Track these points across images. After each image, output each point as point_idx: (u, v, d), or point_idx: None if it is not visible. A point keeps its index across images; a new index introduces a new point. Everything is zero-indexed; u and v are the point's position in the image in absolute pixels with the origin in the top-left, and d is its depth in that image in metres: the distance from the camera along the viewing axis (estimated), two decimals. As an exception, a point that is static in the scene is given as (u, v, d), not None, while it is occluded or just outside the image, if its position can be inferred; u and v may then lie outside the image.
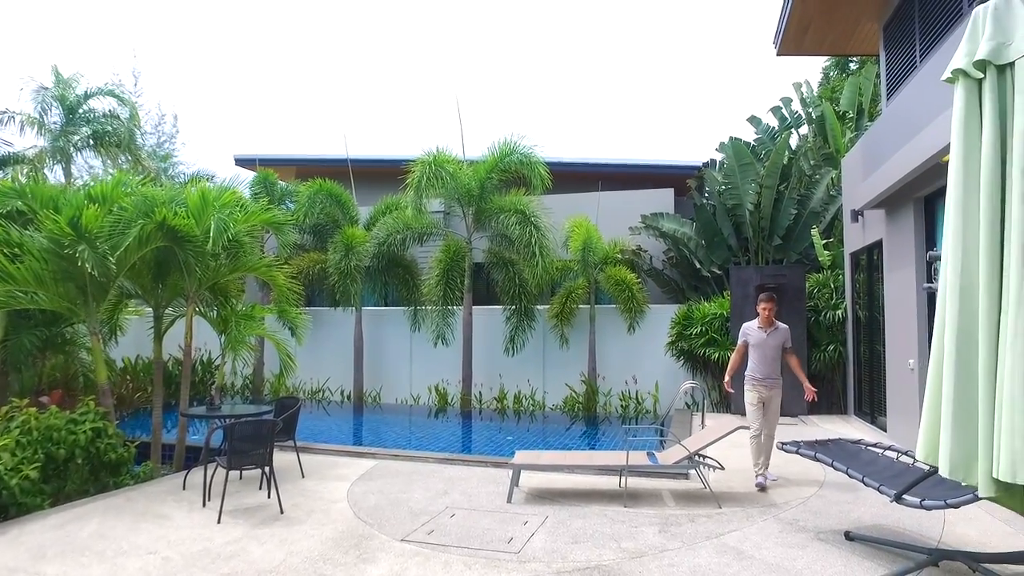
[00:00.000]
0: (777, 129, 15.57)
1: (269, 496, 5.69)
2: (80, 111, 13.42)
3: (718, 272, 12.95)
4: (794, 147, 13.57)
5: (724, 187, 13.11)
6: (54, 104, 13.57)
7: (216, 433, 6.63)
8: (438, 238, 13.29)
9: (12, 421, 5.82)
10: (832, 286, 10.65)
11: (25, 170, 13.12)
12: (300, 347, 9.10)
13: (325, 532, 4.87)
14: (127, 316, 8.76)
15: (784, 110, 15.69)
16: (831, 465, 4.37)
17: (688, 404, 11.36)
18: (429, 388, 13.27)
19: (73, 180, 12.92)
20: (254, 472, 6.16)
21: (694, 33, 64.44)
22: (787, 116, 15.67)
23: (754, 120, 15.64)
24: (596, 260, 12.33)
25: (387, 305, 14.18)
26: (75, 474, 5.90)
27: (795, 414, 9.84)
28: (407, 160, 12.14)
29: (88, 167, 15.84)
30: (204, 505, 5.54)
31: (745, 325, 6.39)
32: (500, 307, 12.89)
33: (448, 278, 12.29)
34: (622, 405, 12.19)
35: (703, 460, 5.73)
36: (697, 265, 13.16)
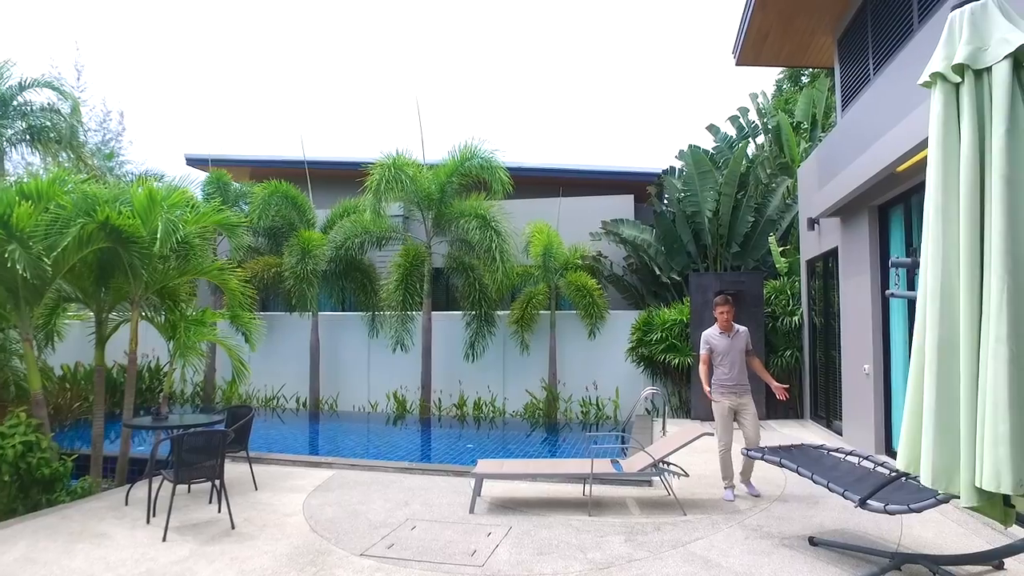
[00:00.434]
0: (735, 138, 15.88)
1: (220, 510, 5.41)
2: (14, 103, 12.65)
3: (678, 278, 13.08)
4: (751, 156, 13.84)
5: (683, 194, 13.28)
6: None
7: (163, 444, 6.29)
8: (397, 242, 13.09)
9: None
10: (789, 293, 10.87)
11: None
12: (254, 353, 8.76)
13: (279, 548, 4.63)
14: (66, 321, 8.29)
15: (741, 119, 16.02)
16: (796, 471, 4.38)
17: (648, 410, 11.41)
18: (387, 395, 13.00)
19: (6, 176, 12.15)
20: (204, 485, 5.85)
21: (655, 42, 65.62)
22: (744, 125, 16.01)
23: (713, 128, 15.92)
24: (557, 266, 12.31)
25: (344, 310, 13.86)
26: (1, 492, 5.49)
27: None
28: (366, 163, 11.92)
29: (25, 163, 14.99)
30: (148, 522, 5.22)
31: (705, 333, 6.18)
32: (460, 313, 12.75)
33: (408, 283, 12.09)
34: (583, 411, 12.17)
35: (667, 467, 5.69)
36: (657, 271, 13.27)
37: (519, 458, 8.47)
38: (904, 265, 3.97)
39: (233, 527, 5.07)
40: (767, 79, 20.87)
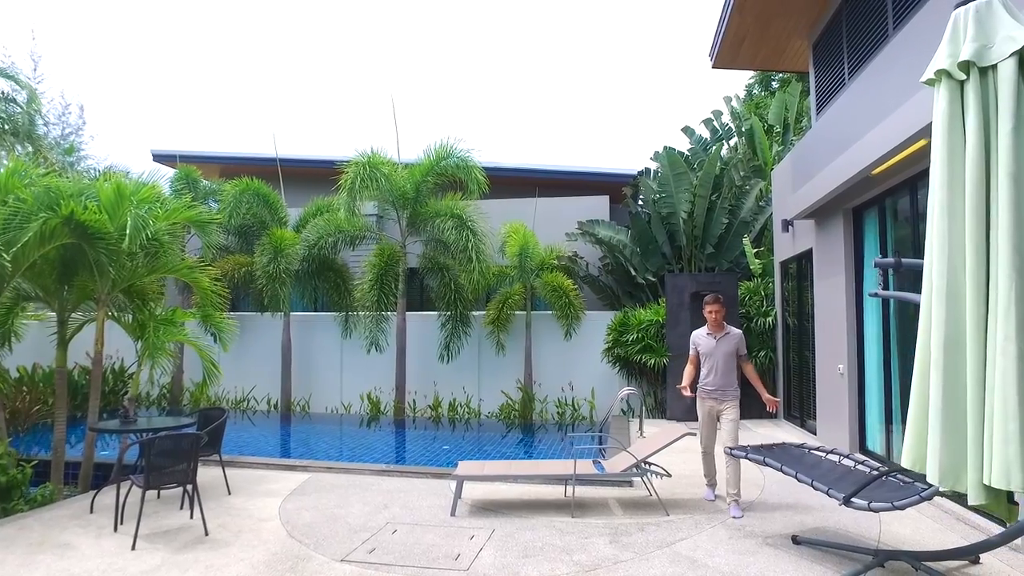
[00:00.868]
0: (709, 140, 16.05)
1: (192, 516, 5.23)
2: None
3: (652, 279, 13.16)
4: (725, 158, 14.01)
5: (659, 196, 13.36)
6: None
7: (131, 448, 6.06)
8: (371, 242, 12.91)
9: None
10: (763, 294, 11.00)
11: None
12: (223, 354, 8.52)
13: (256, 555, 4.48)
14: (24, 321, 7.94)
15: (715, 122, 16.21)
16: (780, 469, 4.40)
17: (624, 410, 11.44)
18: (361, 396, 12.81)
19: None
20: (174, 490, 5.64)
21: (630, 43, 66.22)
22: (718, 128, 16.19)
23: (688, 131, 16.07)
24: (533, 266, 12.29)
25: (317, 310, 13.62)
26: (-48, 503, 5.21)
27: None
28: (339, 161, 11.74)
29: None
30: (116, 530, 5.00)
31: (694, 333, 5.97)
32: (435, 313, 12.64)
33: (382, 283, 11.92)
34: (558, 412, 12.16)
35: (650, 468, 5.68)
36: (632, 272, 13.33)
37: (496, 459, 8.40)
38: (888, 265, 4.02)
39: (207, 534, 4.90)
40: (740, 82, 21.20)
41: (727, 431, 5.57)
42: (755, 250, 11.94)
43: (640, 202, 15.12)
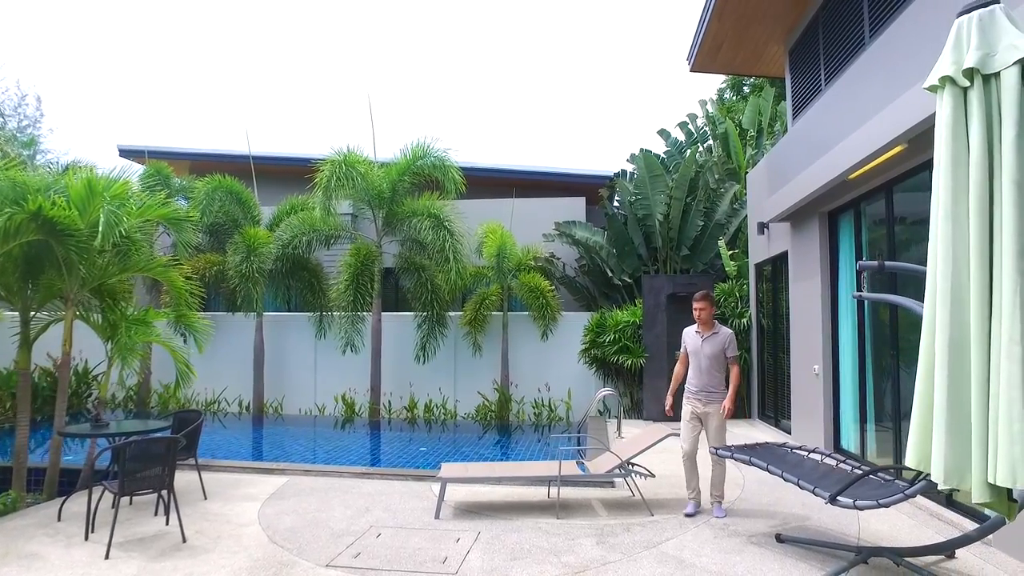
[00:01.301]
0: (685, 143, 16.24)
1: (168, 523, 5.08)
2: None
3: (629, 280, 13.25)
4: (700, 161, 14.18)
5: (635, 198, 13.46)
6: None
7: (102, 452, 5.86)
8: (346, 241, 12.75)
9: None
10: (738, 295, 11.16)
11: None
12: (202, 355, 8.29)
13: (238, 561, 4.37)
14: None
15: (691, 125, 16.41)
16: (766, 469, 4.45)
17: (600, 411, 11.49)
18: (335, 398, 12.63)
19: None
20: (147, 496, 5.47)
21: (608, 45, 66.69)
22: (694, 131, 16.39)
23: (664, 133, 16.23)
24: (510, 267, 12.26)
25: (290, 310, 13.39)
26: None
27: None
28: (314, 159, 11.57)
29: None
30: (87, 538, 4.81)
31: (685, 331, 5.74)
32: (411, 313, 12.52)
33: (358, 283, 11.76)
34: (535, 413, 12.16)
35: (634, 468, 5.70)
36: (609, 273, 13.41)
37: (474, 461, 8.36)
38: (872, 268, 4.09)
39: (184, 540, 4.76)
40: (714, 86, 21.52)
41: (714, 438, 5.40)
42: (730, 252, 12.10)
43: (616, 204, 15.23)
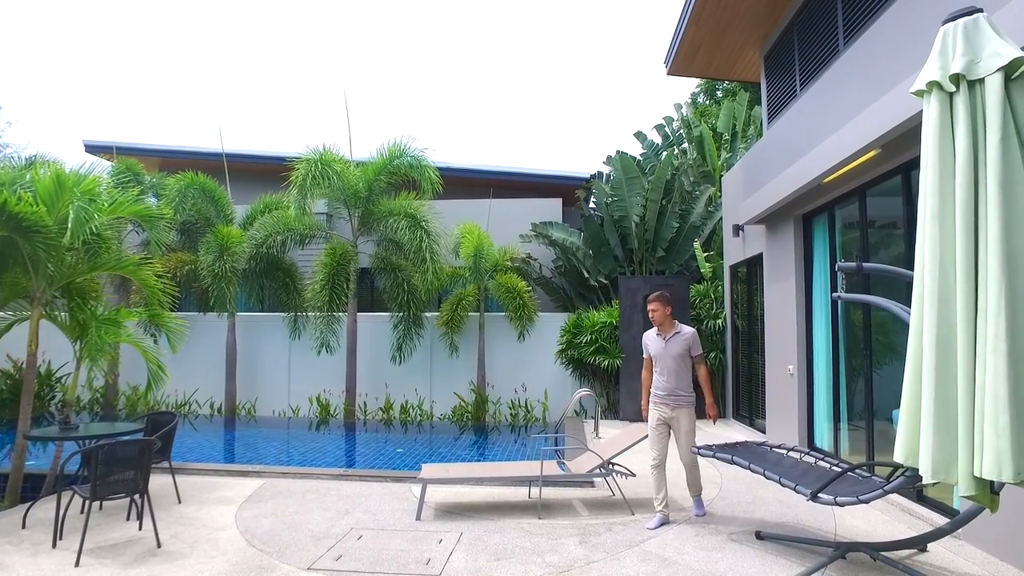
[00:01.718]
0: (661, 145, 16.40)
1: (141, 528, 4.95)
2: None
3: (605, 281, 13.34)
4: (676, 164, 14.34)
5: (611, 199, 13.55)
6: None
7: (72, 456, 5.68)
8: (321, 241, 12.59)
9: None
10: (713, 296, 11.30)
11: None
12: (171, 356, 8.10)
13: (216, 566, 4.27)
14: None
15: (667, 128, 16.58)
16: (748, 467, 4.50)
17: (577, 412, 11.54)
18: (310, 399, 12.47)
19: None
20: (118, 501, 5.32)
21: (585, 47, 67.05)
22: (670, 134, 16.57)
23: (640, 136, 16.37)
24: (487, 267, 12.25)
25: (264, 310, 13.18)
26: None
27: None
28: (289, 158, 11.43)
29: None
30: (55, 546, 4.64)
31: (645, 334, 5.53)
32: (387, 314, 12.42)
33: (334, 283, 11.63)
34: (512, 413, 12.15)
35: (614, 468, 5.73)
36: (585, 274, 13.47)
37: (450, 462, 8.32)
38: (850, 269, 4.17)
39: (159, 546, 4.63)
40: (689, 91, 21.80)
41: (683, 445, 5.15)
42: (705, 254, 12.26)
43: (593, 205, 15.31)
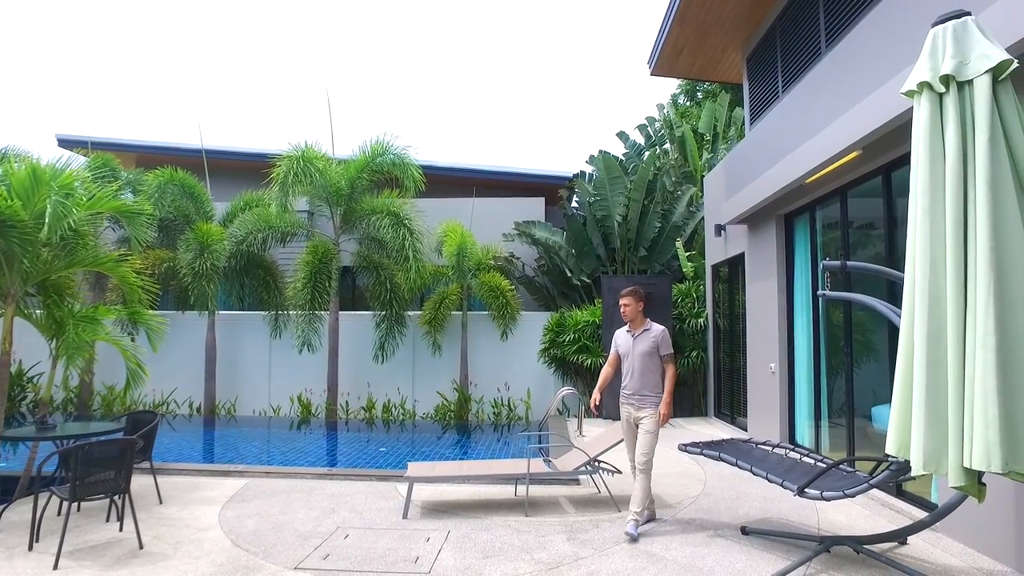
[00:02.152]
0: (644, 145, 16.50)
1: (122, 528, 4.86)
2: None
3: (587, 280, 13.39)
4: (657, 164, 14.45)
5: (594, 199, 13.61)
6: None
7: (50, 457, 5.53)
8: (302, 239, 12.47)
9: None
10: (694, 296, 11.40)
11: None
12: (149, 355, 7.96)
13: (201, 567, 4.21)
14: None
15: (649, 128, 16.68)
16: (735, 464, 4.55)
17: (560, 410, 11.57)
18: (291, 398, 12.35)
19: None
20: (96, 502, 5.22)
21: (568, 47, 67.18)
22: (652, 134, 16.68)
23: (623, 136, 16.46)
24: (470, 266, 12.23)
25: (243, 309, 13.01)
26: None
27: (662, 416, 10.36)
28: (269, 155, 11.30)
29: None
30: (31, 548, 4.53)
31: (616, 332, 5.38)
32: (369, 313, 12.35)
33: (316, 281, 11.52)
34: (494, 412, 12.16)
35: (600, 465, 5.76)
36: (568, 273, 13.51)
37: (433, 460, 8.29)
38: (835, 268, 4.24)
39: (141, 547, 4.55)
40: (670, 92, 21.98)
41: (641, 442, 4.92)
42: (687, 253, 12.37)
43: (575, 204, 15.35)
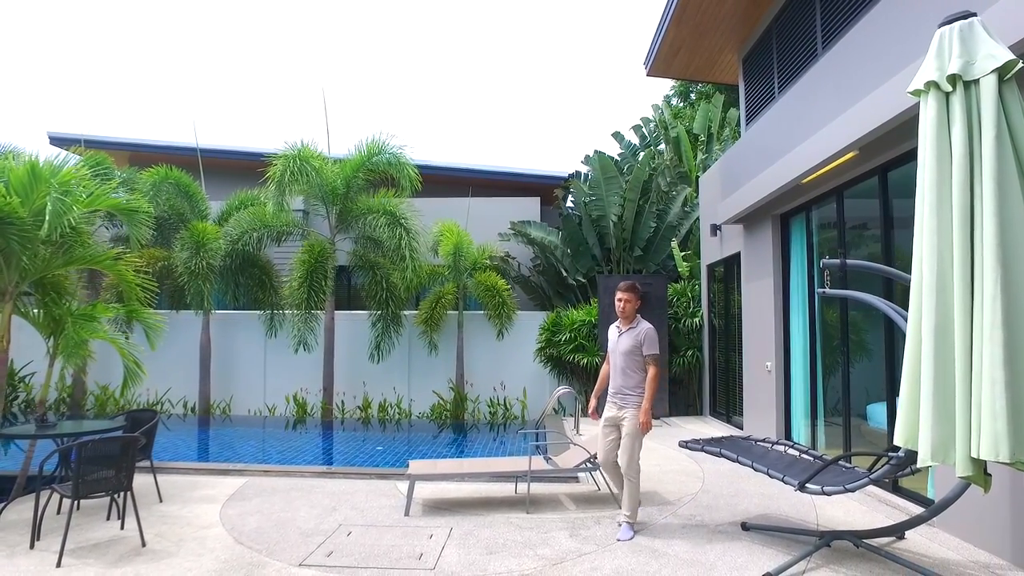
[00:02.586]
0: (639, 146, 16.57)
1: (123, 527, 4.85)
2: None
3: (583, 280, 13.44)
4: (653, 164, 14.52)
5: (590, 199, 13.66)
6: None
7: (42, 454, 5.51)
8: (298, 238, 12.44)
9: None
10: (690, 295, 11.47)
11: None
12: (144, 354, 7.93)
13: (205, 564, 4.21)
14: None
15: (644, 128, 16.77)
16: (736, 460, 4.60)
17: (556, 409, 11.60)
18: (287, 398, 12.31)
19: None
20: (97, 500, 5.20)
21: (564, 47, 67.30)
22: (647, 135, 16.76)
23: (618, 136, 16.52)
24: (466, 265, 12.25)
25: (238, 308, 12.97)
26: None
27: (657, 416, 10.42)
28: (265, 154, 11.26)
29: None
30: (32, 546, 4.52)
31: (610, 327, 5.23)
32: (366, 312, 12.34)
33: (312, 280, 11.49)
34: (491, 412, 12.17)
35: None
36: (563, 273, 13.56)
37: (430, 459, 8.29)
38: (834, 266, 4.29)
39: (144, 544, 4.54)
40: (665, 92, 22.08)
41: (624, 446, 4.75)
42: (682, 253, 12.44)
43: (571, 204, 15.40)
